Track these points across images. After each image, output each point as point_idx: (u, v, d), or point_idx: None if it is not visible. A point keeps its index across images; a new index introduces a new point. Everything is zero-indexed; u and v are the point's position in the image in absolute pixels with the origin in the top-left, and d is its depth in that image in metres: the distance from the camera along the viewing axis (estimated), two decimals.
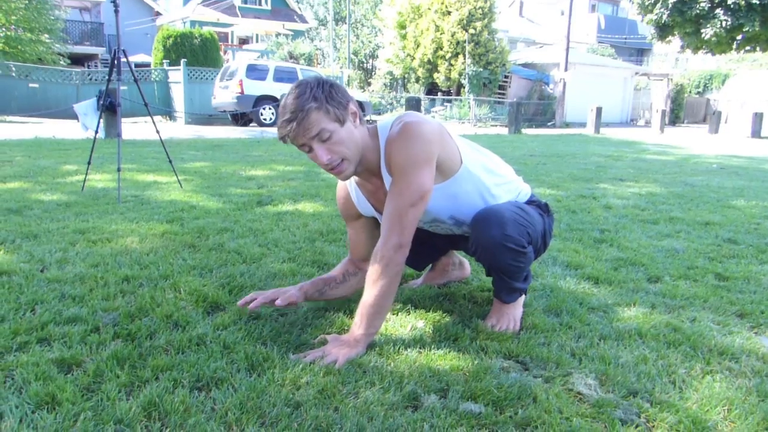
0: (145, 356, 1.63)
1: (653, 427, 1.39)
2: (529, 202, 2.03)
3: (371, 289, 1.71)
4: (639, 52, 37.55)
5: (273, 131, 12.26)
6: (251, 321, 1.92)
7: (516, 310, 1.98)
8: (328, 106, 1.64)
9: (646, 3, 18.78)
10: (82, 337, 1.74)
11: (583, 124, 19.20)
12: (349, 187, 1.98)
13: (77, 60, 24.22)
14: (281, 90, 14.80)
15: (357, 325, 1.73)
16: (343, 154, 1.68)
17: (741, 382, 1.62)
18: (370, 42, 30.77)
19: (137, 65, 21.11)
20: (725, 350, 1.82)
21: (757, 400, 1.52)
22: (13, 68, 15.64)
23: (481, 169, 1.90)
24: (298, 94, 1.64)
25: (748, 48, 19.10)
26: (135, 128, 11.96)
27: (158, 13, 28.85)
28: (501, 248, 1.81)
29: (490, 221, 1.81)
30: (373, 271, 1.72)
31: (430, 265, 2.38)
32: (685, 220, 3.85)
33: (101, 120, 4.88)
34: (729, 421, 1.43)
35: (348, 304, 2.06)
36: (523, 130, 16.09)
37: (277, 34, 27.64)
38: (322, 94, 1.63)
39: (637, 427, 1.37)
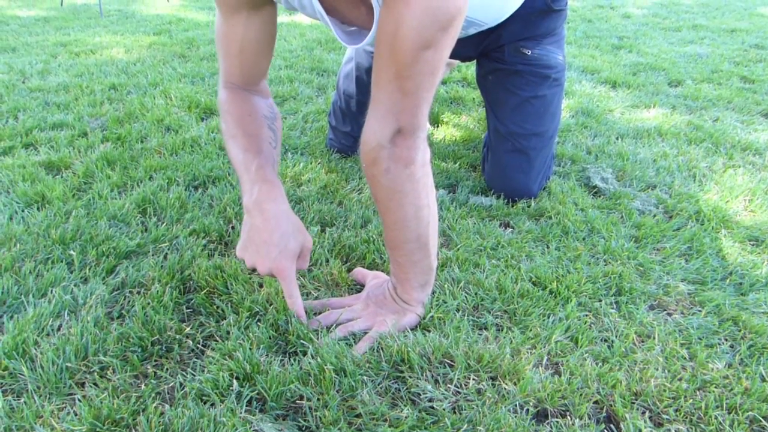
0: (137, 158, 1.54)
1: (672, 216, 1.33)
2: None
3: (384, 217, 0.91)
4: None
5: None
6: None
7: None
8: None
9: None
10: (70, 141, 1.64)
11: None
12: None
13: None
14: None
15: (398, 280, 0.96)
16: None
17: (764, 175, 1.54)
18: None
19: None
20: (749, 146, 1.73)
21: None
22: None
23: None
24: None
25: None
26: None
27: None
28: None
29: (518, 191, 1.38)
30: (372, 183, 0.88)
31: None
32: (710, 28, 3.58)
33: None
34: (749, 211, 1.37)
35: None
36: None
37: None
38: None
39: (654, 216, 1.31)
